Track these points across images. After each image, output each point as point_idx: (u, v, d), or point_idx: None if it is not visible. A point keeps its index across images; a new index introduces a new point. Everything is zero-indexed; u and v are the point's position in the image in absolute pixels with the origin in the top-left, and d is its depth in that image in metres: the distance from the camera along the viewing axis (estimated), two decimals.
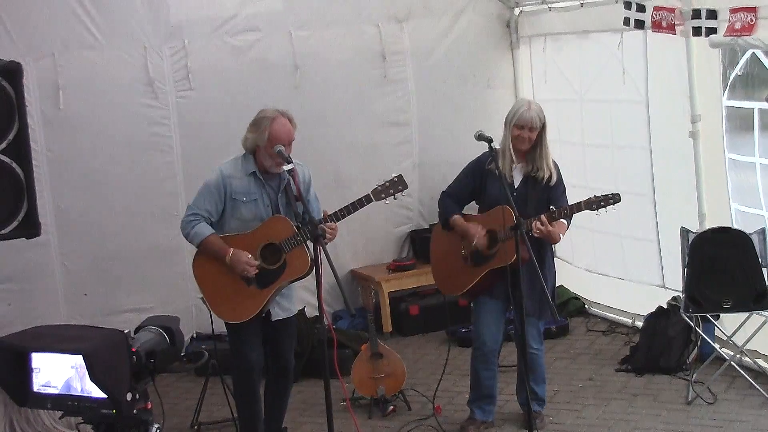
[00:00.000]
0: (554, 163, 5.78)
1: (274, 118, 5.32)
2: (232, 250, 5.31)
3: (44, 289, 7.31)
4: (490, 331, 5.85)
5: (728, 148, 6.40)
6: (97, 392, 3.27)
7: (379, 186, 5.45)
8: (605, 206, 5.52)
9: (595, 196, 5.55)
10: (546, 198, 5.69)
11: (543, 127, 5.69)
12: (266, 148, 5.30)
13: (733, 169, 6.41)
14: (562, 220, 5.61)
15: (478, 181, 5.83)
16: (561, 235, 5.63)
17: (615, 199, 5.51)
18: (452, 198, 5.91)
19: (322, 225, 5.14)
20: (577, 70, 7.82)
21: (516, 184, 5.74)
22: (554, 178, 5.71)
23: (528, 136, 5.66)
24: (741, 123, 6.32)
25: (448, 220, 5.87)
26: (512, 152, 5.68)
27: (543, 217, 5.47)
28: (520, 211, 5.41)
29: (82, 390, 3.30)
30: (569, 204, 5.66)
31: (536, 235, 5.48)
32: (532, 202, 5.66)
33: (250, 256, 5.31)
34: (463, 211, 5.93)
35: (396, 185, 5.45)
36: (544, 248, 5.76)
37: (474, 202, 5.99)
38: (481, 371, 5.89)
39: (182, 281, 7.49)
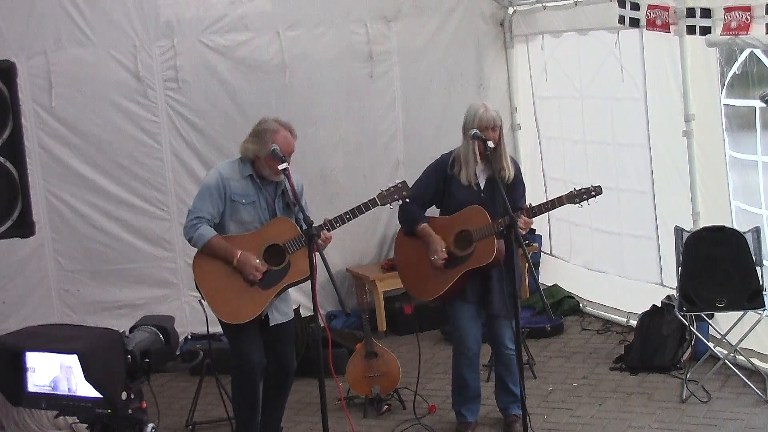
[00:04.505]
0: (512, 160, 5.71)
1: (277, 131, 5.30)
2: (240, 252, 5.27)
3: (37, 286, 7.34)
4: (473, 336, 5.79)
5: (730, 146, 6.38)
6: (92, 392, 3.26)
7: (384, 191, 5.51)
8: (587, 199, 5.48)
9: (576, 190, 5.50)
10: (510, 198, 5.47)
11: (501, 126, 5.61)
12: (267, 159, 5.28)
13: (735, 167, 6.39)
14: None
15: (441, 184, 5.72)
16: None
17: (597, 191, 5.47)
18: (415, 202, 5.72)
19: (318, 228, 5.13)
20: (577, 68, 7.81)
21: (482, 186, 5.65)
22: (512, 176, 5.60)
23: (493, 136, 5.54)
24: (742, 121, 6.30)
25: (414, 229, 5.75)
26: (476, 155, 5.57)
27: (523, 217, 5.40)
28: (490, 212, 5.39)
29: (77, 389, 3.29)
30: (551, 199, 5.61)
31: (523, 232, 5.38)
32: (501, 202, 5.48)
33: (258, 260, 5.29)
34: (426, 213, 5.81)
35: (400, 191, 5.52)
36: (511, 247, 5.60)
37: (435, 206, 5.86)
38: (467, 374, 5.84)
39: (175, 278, 7.57)
